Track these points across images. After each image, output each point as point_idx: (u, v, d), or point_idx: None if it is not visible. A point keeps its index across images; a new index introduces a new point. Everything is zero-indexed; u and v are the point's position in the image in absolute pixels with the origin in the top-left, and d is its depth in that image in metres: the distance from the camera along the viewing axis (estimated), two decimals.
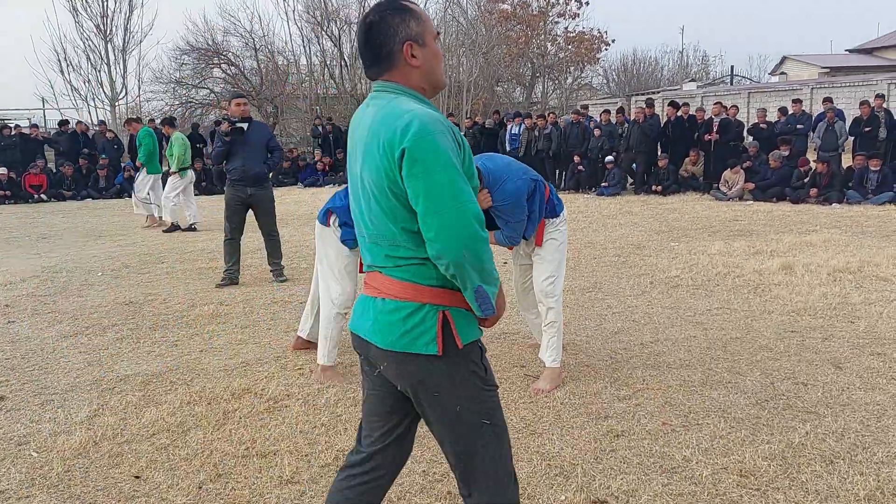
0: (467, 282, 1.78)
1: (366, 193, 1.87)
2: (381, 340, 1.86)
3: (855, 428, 3.43)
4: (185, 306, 6.01)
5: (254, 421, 3.63)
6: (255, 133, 6.73)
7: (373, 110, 1.86)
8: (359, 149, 1.87)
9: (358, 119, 1.93)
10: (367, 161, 1.83)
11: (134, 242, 9.78)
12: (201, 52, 32.36)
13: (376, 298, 1.89)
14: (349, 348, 4.72)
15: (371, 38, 1.86)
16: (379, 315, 1.87)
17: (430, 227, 1.73)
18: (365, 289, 1.98)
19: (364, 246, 1.96)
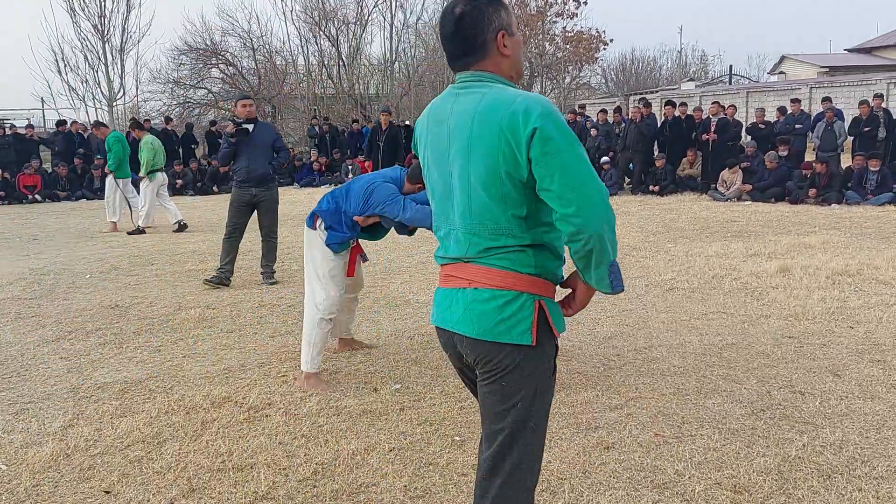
0: (603, 256, 1.77)
1: (464, 184, 1.85)
2: (472, 329, 1.85)
3: (854, 440, 3.31)
4: (171, 310, 5.89)
5: (232, 431, 3.51)
6: (261, 134, 6.74)
7: (471, 98, 1.84)
8: (454, 141, 1.86)
9: (447, 110, 1.90)
10: (473, 150, 1.81)
11: (125, 244, 9.66)
12: (199, 53, 32.24)
13: (466, 289, 1.87)
14: (334, 355, 4.61)
15: (462, 29, 1.86)
16: (471, 304, 1.86)
17: (570, 203, 1.71)
18: (445, 281, 1.96)
19: (451, 238, 1.93)
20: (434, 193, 1.98)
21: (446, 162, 1.90)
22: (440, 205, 1.96)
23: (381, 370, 4.35)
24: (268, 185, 6.78)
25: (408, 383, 4.12)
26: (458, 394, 3.95)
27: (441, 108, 1.94)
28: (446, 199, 1.93)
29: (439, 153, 1.92)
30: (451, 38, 1.89)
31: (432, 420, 3.62)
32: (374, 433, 3.47)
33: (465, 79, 1.90)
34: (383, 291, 6.40)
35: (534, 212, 1.81)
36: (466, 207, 1.86)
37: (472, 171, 1.82)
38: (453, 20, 1.87)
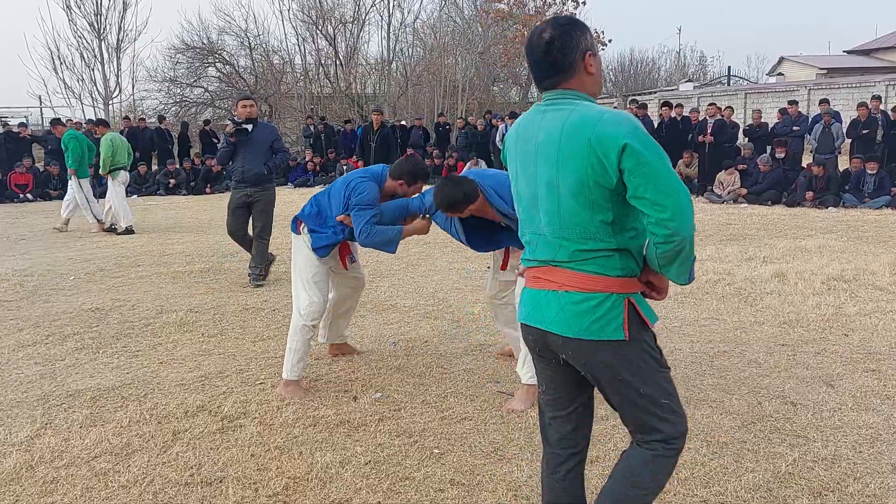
0: (690, 255, 1.95)
1: (553, 192, 2.01)
2: (568, 330, 2.00)
3: (846, 455, 3.19)
4: (152, 313, 5.77)
5: (204, 443, 3.39)
6: (260, 134, 6.69)
7: (559, 115, 2.01)
8: (541, 155, 2.03)
9: (535, 126, 2.08)
10: (562, 162, 1.97)
11: (113, 244, 9.53)
12: (196, 51, 32.12)
13: (558, 291, 2.03)
14: (315, 361, 4.49)
15: (552, 52, 2.03)
16: (565, 306, 2.01)
17: (665, 209, 1.88)
18: (534, 283, 2.11)
19: (538, 243, 2.10)
20: (521, 201, 2.16)
21: (533, 173, 2.07)
22: (526, 212, 2.14)
23: (363, 378, 4.23)
24: (263, 186, 6.71)
25: (389, 392, 4.01)
26: (439, 403, 3.83)
27: (529, 124, 2.11)
28: (533, 208, 2.10)
29: (527, 165, 2.10)
30: (541, 61, 2.05)
31: (412, 431, 3.50)
32: (350, 445, 3.36)
33: (553, 97, 2.07)
34: (369, 295, 6.28)
35: (619, 218, 1.97)
36: (555, 214, 2.02)
37: (562, 181, 1.99)
38: (543, 44, 2.03)
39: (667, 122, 14.30)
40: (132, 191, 16.28)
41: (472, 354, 4.64)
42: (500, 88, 36.67)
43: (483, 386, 4.08)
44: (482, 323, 5.37)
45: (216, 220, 11.73)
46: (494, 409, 3.75)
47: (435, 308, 5.83)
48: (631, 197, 1.93)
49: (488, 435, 3.46)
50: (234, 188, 6.81)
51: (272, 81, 31.82)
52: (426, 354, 4.64)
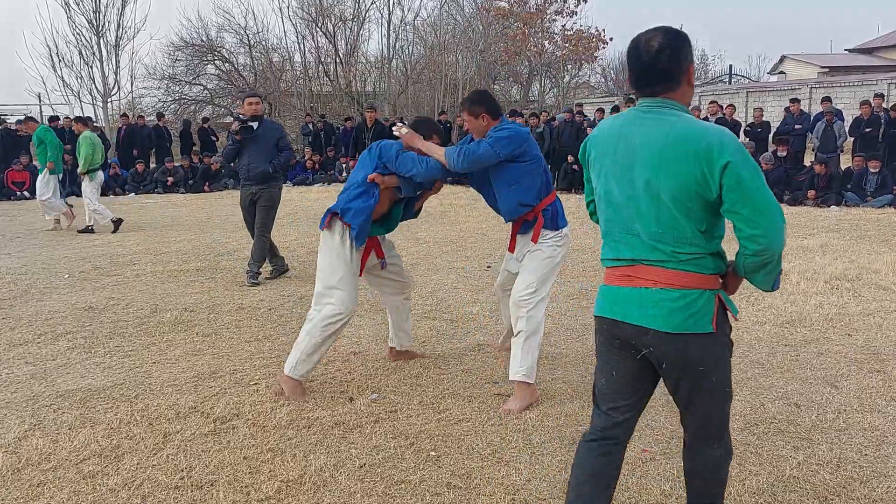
0: (777, 268, 2.10)
1: (652, 198, 2.09)
2: (663, 325, 2.10)
3: (852, 457, 3.12)
4: (147, 312, 5.70)
5: (195, 445, 3.32)
6: (266, 132, 6.66)
7: (661, 124, 2.09)
8: (639, 158, 2.10)
9: (633, 129, 2.15)
10: (664, 169, 2.05)
11: (109, 242, 9.45)
12: (195, 48, 32.04)
13: (652, 289, 2.12)
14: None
15: (660, 61, 2.09)
16: (662, 302, 2.10)
17: (759, 226, 2.00)
18: (622, 281, 2.19)
19: (630, 242, 2.17)
20: (610, 201, 2.22)
21: (629, 175, 2.14)
22: (617, 212, 2.20)
23: (359, 378, 4.16)
24: (269, 183, 6.68)
25: (385, 393, 3.93)
26: (436, 404, 3.76)
27: (627, 125, 2.18)
28: (625, 208, 2.17)
29: (621, 167, 2.16)
30: (647, 68, 2.12)
31: (408, 433, 3.43)
32: (345, 447, 3.29)
33: (652, 104, 2.15)
34: (366, 295, 6.19)
35: (711, 227, 2.09)
36: (654, 218, 2.11)
37: (663, 187, 2.07)
38: (652, 52, 2.09)
39: None
40: (130, 188, 16.23)
41: (469, 355, 4.57)
42: (501, 87, 36.57)
43: (481, 387, 4.01)
44: (480, 323, 5.30)
45: (214, 219, 11.67)
46: (492, 411, 3.68)
47: (433, 308, 5.76)
48: (727, 211, 2.04)
49: (486, 437, 3.39)
50: (242, 186, 6.83)
51: (272, 79, 31.75)
52: (423, 355, 4.57)
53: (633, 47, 2.14)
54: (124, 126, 18.27)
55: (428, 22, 33.99)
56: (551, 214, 3.79)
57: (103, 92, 30.97)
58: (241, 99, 7.11)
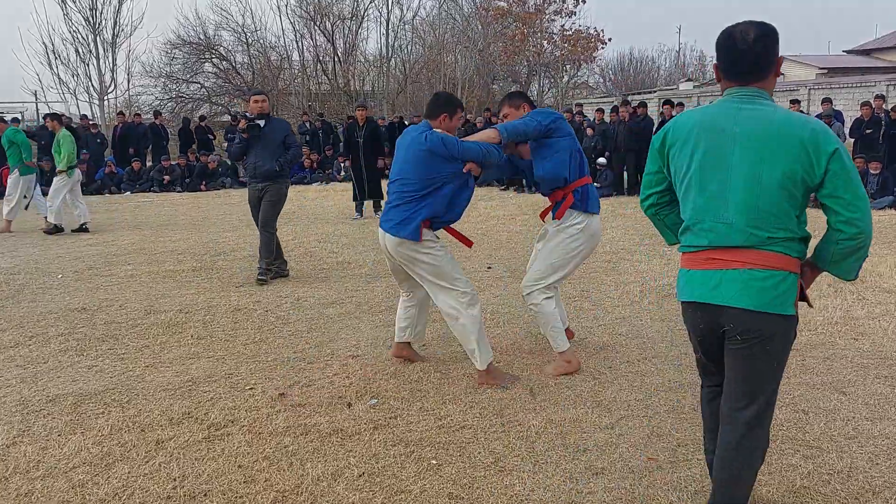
0: (866, 252, 2.24)
1: (752, 184, 2.20)
2: (751, 303, 2.22)
3: (862, 467, 3.04)
4: (141, 313, 5.60)
5: (189, 453, 3.23)
6: (273, 130, 6.65)
7: (760, 112, 2.21)
8: (739, 146, 2.22)
9: (729, 117, 2.24)
10: (768, 156, 2.18)
11: (104, 241, 9.35)
12: (192, 47, 31.91)
13: (740, 269, 2.24)
14: (308, 366, 4.32)
15: (755, 50, 2.22)
16: (750, 282, 2.23)
17: (858, 209, 2.15)
18: (707, 264, 2.31)
19: (721, 230, 2.27)
20: (704, 188, 2.29)
21: (727, 163, 2.24)
22: (709, 200, 2.29)
23: (357, 383, 4.06)
24: (275, 180, 6.66)
25: (385, 398, 3.84)
26: (437, 410, 3.67)
27: (720, 115, 2.27)
28: (719, 196, 2.26)
29: (719, 155, 2.25)
30: (742, 57, 2.23)
31: (408, 440, 3.34)
32: (343, 455, 3.20)
33: (746, 93, 2.26)
34: (366, 296, 6.12)
35: (803, 212, 2.25)
36: (753, 204, 2.21)
37: (766, 174, 2.19)
38: (749, 41, 2.21)
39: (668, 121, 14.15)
40: (126, 187, 16.12)
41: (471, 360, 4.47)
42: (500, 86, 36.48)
43: (483, 392, 3.92)
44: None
45: (210, 218, 11.57)
46: (495, 417, 3.59)
47: (433, 310, 5.65)
48: (827, 195, 2.17)
49: (488, 444, 3.30)
50: (249, 184, 6.85)
51: (269, 78, 31.61)
52: (424, 358, 4.48)
53: (728, 37, 2.24)
54: (120, 124, 18.15)
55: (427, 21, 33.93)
56: (581, 195, 4.03)
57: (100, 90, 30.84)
58: (247, 97, 7.13)
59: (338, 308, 5.72)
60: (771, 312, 2.22)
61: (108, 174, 16.32)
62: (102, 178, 16.29)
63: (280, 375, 4.19)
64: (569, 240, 4.03)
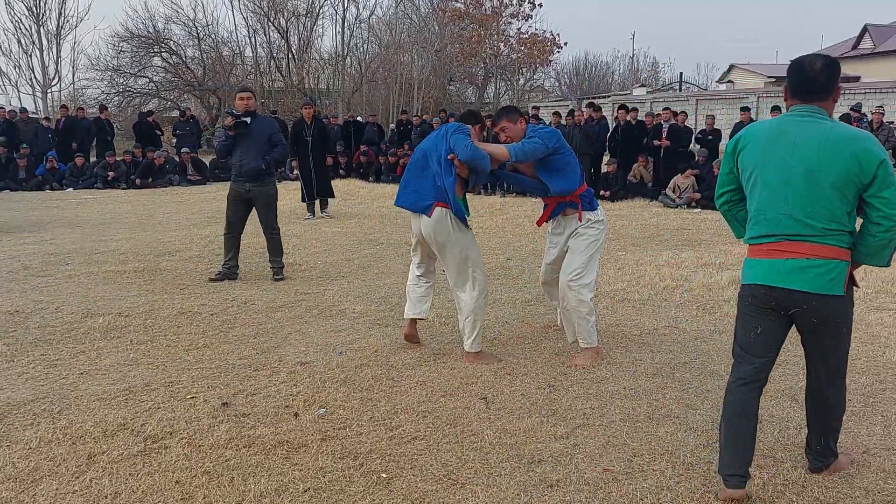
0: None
1: (811, 185, 2.68)
2: (811, 287, 2.72)
3: (817, 478, 3.02)
4: (78, 317, 5.33)
5: (122, 467, 3.04)
6: (259, 128, 6.58)
7: (820, 126, 2.71)
8: (800, 153, 2.69)
9: (793, 127, 2.74)
10: (825, 163, 2.65)
11: (43, 241, 8.94)
12: (141, 40, 31.10)
13: (803, 259, 2.73)
14: (254, 373, 4.15)
15: (822, 76, 2.73)
16: (811, 269, 2.72)
17: (894, 206, 2.64)
18: (773, 254, 2.78)
19: (783, 221, 2.74)
20: (767, 186, 2.77)
21: (787, 166, 2.72)
22: (772, 195, 2.76)
23: (305, 392, 3.91)
24: (262, 181, 6.58)
25: (333, 408, 3.70)
26: (388, 420, 3.55)
27: (785, 126, 2.77)
28: (780, 192, 2.74)
29: (781, 159, 2.74)
30: (812, 81, 2.74)
31: (357, 452, 3.21)
32: (288, 469, 3.05)
33: (806, 110, 2.76)
34: (317, 299, 5.95)
35: (851, 210, 2.72)
36: (810, 199, 2.69)
37: (824, 176, 2.66)
38: (818, 68, 2.73)
39: (622, 126, 14.25)
40: (68, 183, 15.54)
41: (425, 365, 4.36)
42: (456, 88, 36.47)
43: (436, 401, 3.81)
44: (436, 330, 5.10)
45: (156, 216, 11.21)
46: (448, 427, 3.48)
47: (386, 314, 5.53)
48: (872, 195, 2.66)
49: (441, 455, 3.19)
50: (233, 181, 6.68)
51: (221, 73, 31.01)
52: (375, 366, 4.35)
53: (799, 64, 2.77)
54: (63, 118, 17.51)
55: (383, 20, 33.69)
56: (588, 199, 4.56)
57: (43, 82, 29.82)
58: (234, 93, 7.04)
59: (287, 312, 5.54)
60: (828, 294, 2.71)
61: (49, 170, 15.72)
62: (43, 174, 15.67)
63: (224, 383, 4.01)
64: (595, 233, 4.50)
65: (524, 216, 11.01)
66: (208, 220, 10.67)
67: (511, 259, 7.75)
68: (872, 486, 2.96)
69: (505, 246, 8.49)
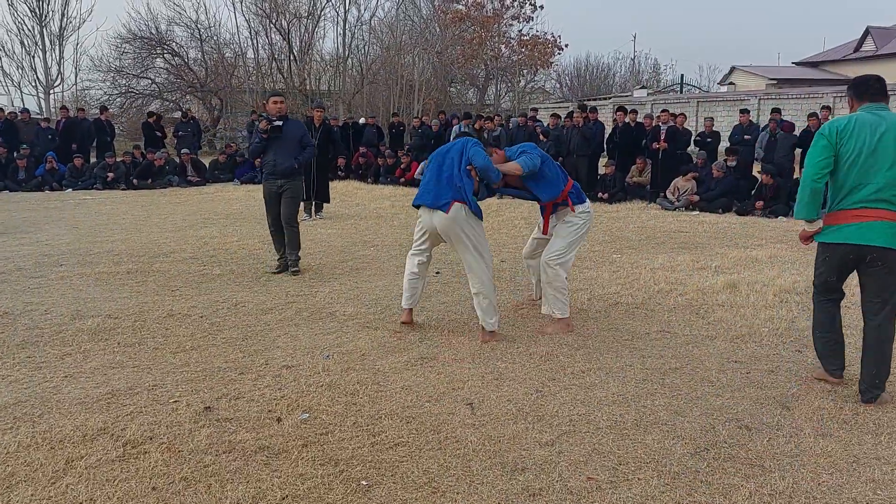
0: None
1: (891, 162, 3.67)
2: (885, 242, 3.70)
3: (805, 488, 2.97)
4: (66, 319, 5.30)
5: (100, 473, 3.00)
6: (290, 130, 7.05)
7: (892, 119, 3.73)
8: (887, 138, 3.69)
9: (877, 120, 3.74)
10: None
11: (38, 241, 8.92)
12: (143, 41, 31.10)
13: (884, 222, 3.69)
14: (239, 376, 4.11)
15: (885, 84, 3.88)
16: (886, 229, 3.69)
17: None
18: (862, 218, 3.74)
19: (871, 194, 3.70)
20: (855, 164, 3.72)
21: (877, 150, 3.68)
22: (866, 175, 3.71)
23: (290, 395, 3.87)
24: (293, 177, 7.04)
25: (317, 412, 3.66)
26: (371, 426, 3.50)
27: (870, 120, 3.74)
28: (869, 172, 3.70)
29: (871, 145, 3.69)
30: (881, 89, 3.87)
31: (338, 459, 3.17)
32: (266, 476, 3.00)
33: (881, 107, 3.83)
34: (307, 302, 5.91)
35: None
36: (886, 175, 3.68)
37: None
38: (882, 81, 3.87)
39: (620, 128, 14.19)
40: (68, 184, 15.52)
41: (412, 370, 4.32)
42: (458, 89, 36.43)
43: (421, 406, 3.76)
44: (425, 334, 5.06)
45: (153, 217, 11.19)
46: (431, 433, 3.44)
47: (376, 317, 5.49)
48: None
49: (422, 463, 3.15)
50: (266, 180, 7.11)
51: (223, 75, 30.98)
52: (362, 370, 4.31)
53: (869, 77, 3.89)
54: (63, 119, 17.49)
55: (384, 22, 33.65)
56: (576, 193, 5.18)
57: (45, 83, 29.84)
58: (266, 98, 7.55)
59: (277, 314, 5.51)
60: (892, 248, 3.69)
61: (49, 170, 15.70)
62: (43, 175, 15.66)
63: (208, 387, 3.97)
64: (581, 222, 5.14)
65: (521, 218, 10.96)
66: (205, 222, 10.64)
67: (505, 261, 7.70)
68: (861, 497, 2.92)
69: (500, 247, 8.44)
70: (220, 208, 12.39)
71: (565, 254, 5.09)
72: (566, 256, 5.09)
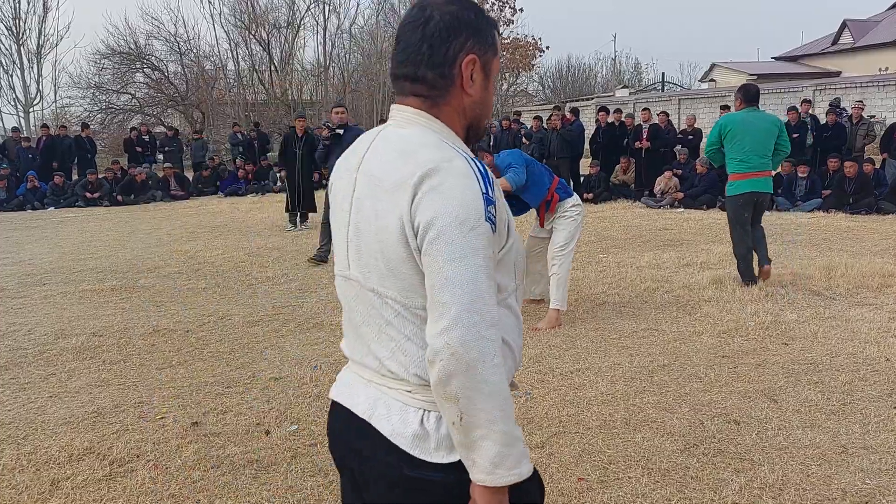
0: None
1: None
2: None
3: (794, 479, 2.98)
4: (50, 338, 5.25)
5: (86, 493, 2.97)
6: (350, 136, 7.59)
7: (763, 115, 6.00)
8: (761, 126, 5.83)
9: (755, 116, 5.94)
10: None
11: (20, 261, 8.83)
12: (122, 56, 30.98)
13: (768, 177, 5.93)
14: (226, 390, 4.07)
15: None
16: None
17: None
18: (754, 175, 5.95)
19: (760, 160, 5.78)
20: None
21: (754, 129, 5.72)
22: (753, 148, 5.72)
23: (278, 408, 3.85)
24: None
25: (306, 424, 3.64)
26: None
27: (755, 116, 5.55)
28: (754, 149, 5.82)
29: (755, 130, 5.65)
30: (756, 94, 5.89)
31: (328, 470, 3.14)
32: (256, 490, 2.98)
33: (755, 109, 5.68)
34: (294, 312, 5.88)
35: None
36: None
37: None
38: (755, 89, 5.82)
39: (603, 128, 14.26)
40: (49, 203, 15.40)
41: None
42: None
43: None
44: None
45: (137, 233, 11.11)
46: None
47: None
48: None
49: None
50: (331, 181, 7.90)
51: (204, 87, 30.89)
52: None
53: (745, 87, 5.53)
54: (44, 137, 17.36)
55: (365, 30, 33.69)
56: (563, 188, 5.58)
57: (25, 102, 29.65)
58: (330, 108, 8.62)
59: (264, 326, 5.48)
60: None
61: (30, 189, 15.57)
62: (24, 194, 15.53)
63: (195, 402, 3.94)
64: (575, 215, 5.53)
65: (517, 219, 10.97)
66: (189, 236, 10.58)
67: None
68: (850, 487, 2.93)
69: None
70: (204, 221, 12.33)
71: (567, 244, 5.47)
72: (569, 247, 5.48)
